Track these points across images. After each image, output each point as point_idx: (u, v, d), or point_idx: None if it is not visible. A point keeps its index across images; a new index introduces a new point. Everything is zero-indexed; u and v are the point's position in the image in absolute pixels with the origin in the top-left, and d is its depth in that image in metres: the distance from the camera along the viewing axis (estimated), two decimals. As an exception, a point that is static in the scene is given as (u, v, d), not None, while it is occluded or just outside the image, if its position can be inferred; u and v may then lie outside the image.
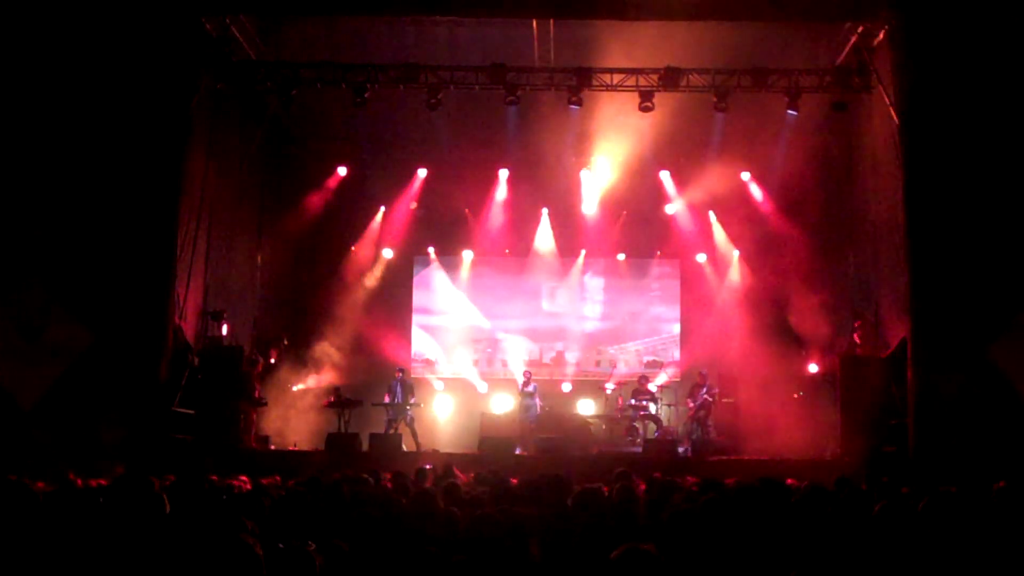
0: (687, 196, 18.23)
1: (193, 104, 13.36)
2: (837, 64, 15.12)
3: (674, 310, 19.60)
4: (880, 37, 13.78)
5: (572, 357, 19.56)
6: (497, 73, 14.93)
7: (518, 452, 14.98)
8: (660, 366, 19.25)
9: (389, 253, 19.00)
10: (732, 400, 16.35)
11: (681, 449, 15.23)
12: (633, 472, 7.52)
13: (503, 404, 18.06)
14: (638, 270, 19.80)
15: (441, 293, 19.73)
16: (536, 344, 19.61)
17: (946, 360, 11.68)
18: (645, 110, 14.96)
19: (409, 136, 17.76)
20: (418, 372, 18.99)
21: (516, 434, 15.98)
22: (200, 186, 13.97)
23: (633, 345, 19.61)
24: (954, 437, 11.31)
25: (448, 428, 18.19)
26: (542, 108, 16.07)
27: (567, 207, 18.81)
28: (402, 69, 14.97)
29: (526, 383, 17.18)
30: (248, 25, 15.19)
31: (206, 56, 13.88)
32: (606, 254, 19.44)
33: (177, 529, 4.43)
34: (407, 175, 18.49)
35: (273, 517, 5.33)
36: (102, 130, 12.30)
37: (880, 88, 13.71)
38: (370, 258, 18.93)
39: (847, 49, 14.78)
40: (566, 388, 19.02)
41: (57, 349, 12.14)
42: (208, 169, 14.23)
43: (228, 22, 14.38)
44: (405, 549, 4.35)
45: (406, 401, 16.30)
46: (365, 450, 14.13)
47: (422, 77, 14.99)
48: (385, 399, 16.39)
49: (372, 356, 17.98)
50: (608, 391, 17.96)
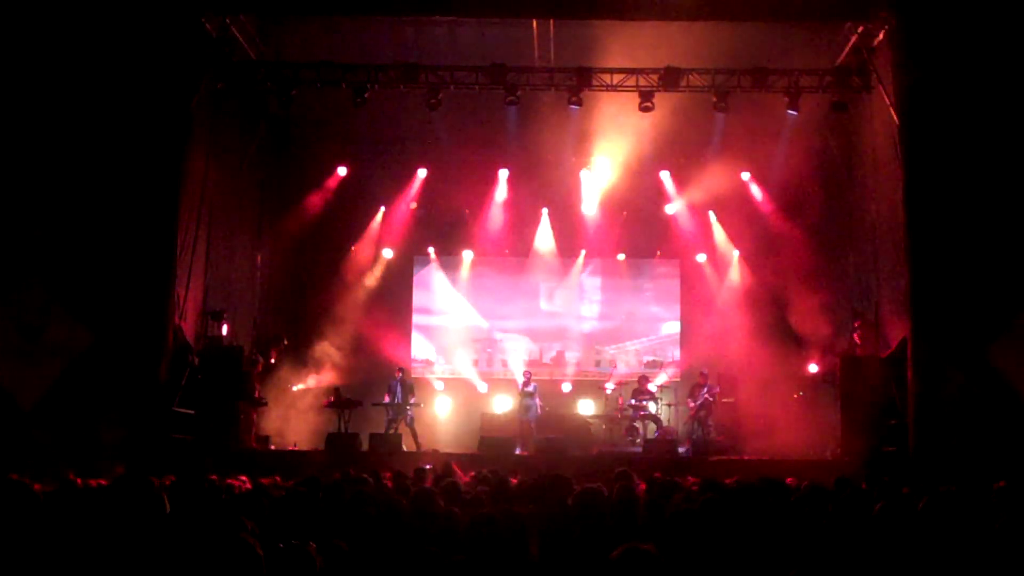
0: (687, 196, 18.23)
1: (193, 104, 13.37)
2: (837, 64, 15.11)
3: (674, 310, 19.59)
4: (880, 37, 13.78)
5: (572, 357, 19.53)
6: (497, 73, 14.93)
7: (518, 452, 15.00)
8: (660, 366, 19.23)
9: (389, 253, 18.99)
10: (732, 400, 16.38)
11: (681, 449, 15.22)
12: (633, 472, 7.48)
13: (503, 404, 18.06)
14: (638, 270, 19.79)
15: (441, 293, 19.71)
16: (536, 344, 19.60)
17: (946, 360, 11.67)
18: (645, 110, 14.96)
19: (409, 136, 17.76)
20: (418, 372, 18.97)
21: (516, 434, 16.02)
22: (200, 186, 13.98)
23: (633, 345, 19.59)
24: (954, 437, 11.31)
25: (448, 428, 18.18)
26: (542, 108, 16.08)
27: (567, 207, 18.79)
28: (402, 69, 14.98)
29: (526, 383, 17.16)
30: (248, 25, 15.20)
31: (206, 56, 13.87)
32: (606, 254, 19.42)
33: (177, 529, 4.43)
34: (407, 175, 18.49)
35: (273, 517, 5.34)
36: (102, 130, 12.30)
37: (880, 88, 13.71)
38: (370, 258, 18.92)
39: (847, 49, 14.78)
40: (566, 388, 19.00)
41: (57, 349, 12.12)
42: (208, 169, 14.24)
43: (228, 22, 14.39)
44: (405, 549, 4.35)
45: (406, 401, 16.28)
46: (365, 450, 14.14)
47: (422, 77, 15.00)
48: (385, 399, 16.37)
49: (372, 356, 17.96)
50: (608, 391, 17.94)
